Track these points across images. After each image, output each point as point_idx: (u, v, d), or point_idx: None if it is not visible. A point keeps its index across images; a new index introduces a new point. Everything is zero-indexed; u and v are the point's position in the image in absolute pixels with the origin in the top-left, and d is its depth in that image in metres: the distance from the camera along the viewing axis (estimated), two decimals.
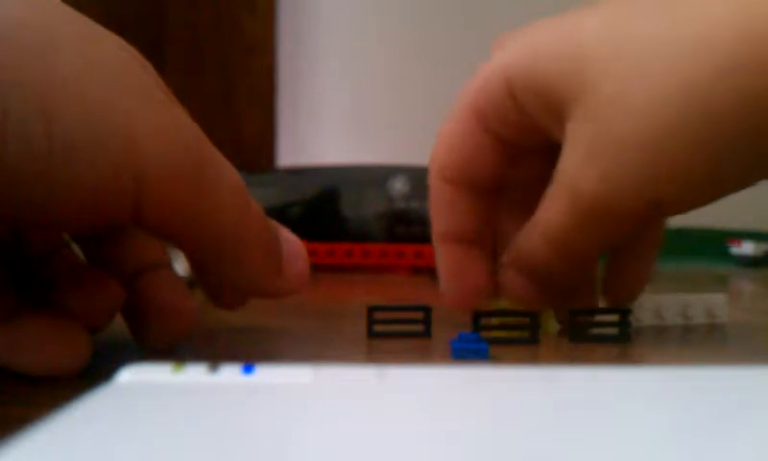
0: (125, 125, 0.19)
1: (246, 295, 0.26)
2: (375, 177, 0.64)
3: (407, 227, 0.62)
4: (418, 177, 0.63)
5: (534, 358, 0.26)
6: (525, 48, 0.28)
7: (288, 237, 0.25)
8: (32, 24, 0.19)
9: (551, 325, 0.30)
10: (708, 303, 0.33)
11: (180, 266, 0.27)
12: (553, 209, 0.27)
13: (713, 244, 0.71)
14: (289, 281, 0.24)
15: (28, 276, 0.24)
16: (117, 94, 0.20)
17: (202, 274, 0.25)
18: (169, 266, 0.26)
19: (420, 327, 0.29)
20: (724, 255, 0.69)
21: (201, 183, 0.21)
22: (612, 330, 0.29)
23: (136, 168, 0.20)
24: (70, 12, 0.21)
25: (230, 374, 0.16)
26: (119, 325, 0.25)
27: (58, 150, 0.18)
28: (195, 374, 0.16)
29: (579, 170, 0.26)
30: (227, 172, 0.22)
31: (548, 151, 0.29)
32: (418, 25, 0.82)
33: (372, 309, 0.29)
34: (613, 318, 0.29)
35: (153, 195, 0.20)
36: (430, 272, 0.57)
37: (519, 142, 0.30)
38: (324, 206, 0.63)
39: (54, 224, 0.21)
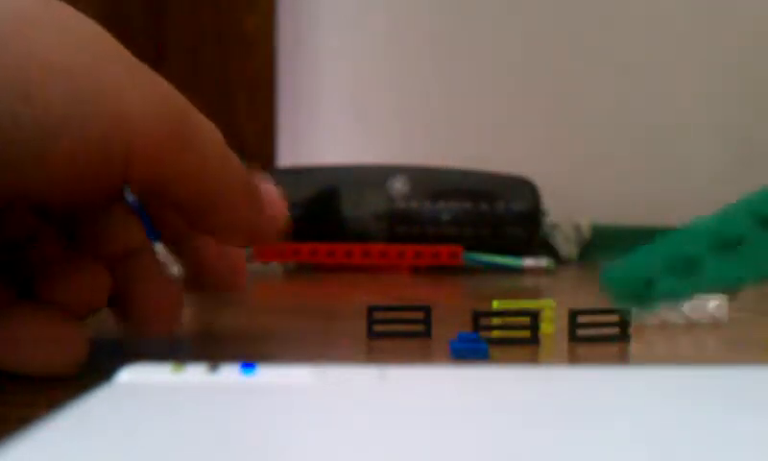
0: (112, 94, 0.20)
1: (237, 243, 0.26)
2: (375, 177, 0.64)
3: (407, 227, 0.62)
4: (418, 177, 0.63)
5: (534, 358, 0.26)
6: None
7: (264, 183, 0.25)
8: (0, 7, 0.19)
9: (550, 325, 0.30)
10: (707, 304, 0.33)
11: (174, 266, 0.26)
12: None
13: None
14: (271, 223, 0.25)
15: (7, 267, 0.24)
16: (102, 64, 0.20)
17: (196, 229, 0.25)
18: (151, 251, 0.25)
19: (420, 327, 0.29)
20: None
21: (187, 143, 0.21)
22: (613, 330, 0.29)
23: (126, 135, 0.20)
24: None
25: (230, 374, 0.16)
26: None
27: (46, 125, 0.18)
28: (195, 374, 0.16)
29: None
30: (208, 128, 0.22)
31: None
32: (418, 25, 0.82)
33: (371, 309, 0.29)
34: (613, 318, 0.29)
35: (143, 160, 0.20)
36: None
37: None
38: (323, 206, 0.63)
39: (49, 199, 0.21)
